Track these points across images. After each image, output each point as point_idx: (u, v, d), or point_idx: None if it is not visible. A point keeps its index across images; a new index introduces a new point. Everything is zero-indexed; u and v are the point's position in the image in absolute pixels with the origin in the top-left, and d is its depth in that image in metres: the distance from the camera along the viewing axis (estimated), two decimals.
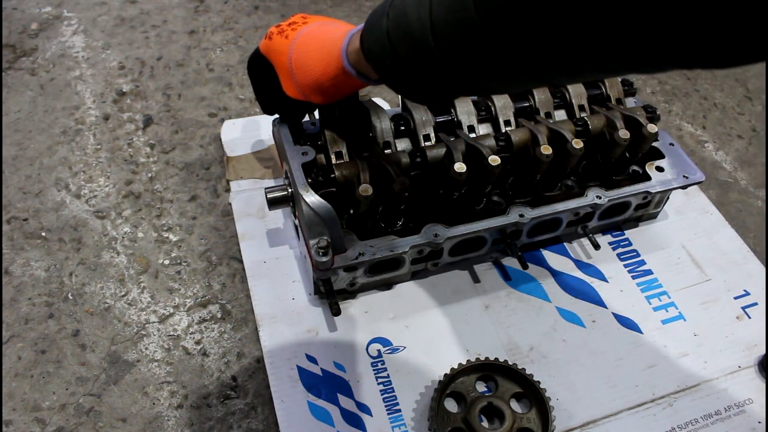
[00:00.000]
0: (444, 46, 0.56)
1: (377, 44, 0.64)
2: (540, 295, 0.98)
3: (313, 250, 0.81)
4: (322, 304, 0.94)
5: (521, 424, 0.82)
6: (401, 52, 0.61)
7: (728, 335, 0.96)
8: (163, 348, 0.92)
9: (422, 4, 0.56)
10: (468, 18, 0.50)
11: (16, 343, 0.91)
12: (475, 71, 0.56)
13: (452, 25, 0.53)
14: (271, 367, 0.87)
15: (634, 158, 1.01)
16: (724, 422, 0.86)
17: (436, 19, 0.55)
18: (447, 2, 0.53)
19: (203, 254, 1.03)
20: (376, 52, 0.65)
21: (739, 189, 1.24)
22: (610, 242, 1.07)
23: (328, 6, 1.57)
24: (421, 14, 0.56)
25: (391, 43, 0.61)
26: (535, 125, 0.93)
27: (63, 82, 1.31)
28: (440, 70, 0.59)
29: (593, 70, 0.50)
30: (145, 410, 0.86)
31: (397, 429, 0.83)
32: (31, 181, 1.12)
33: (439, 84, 0.62)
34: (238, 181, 1.11)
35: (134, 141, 1.21)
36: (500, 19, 0.48)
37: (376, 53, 0.65)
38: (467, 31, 0.52)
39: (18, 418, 0.84)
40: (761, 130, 1.38)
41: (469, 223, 0.89)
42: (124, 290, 0.98)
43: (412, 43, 0.59)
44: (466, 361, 0.86)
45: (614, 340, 0.94)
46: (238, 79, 1.35)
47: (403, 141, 0.94)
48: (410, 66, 0.61)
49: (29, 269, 1.00)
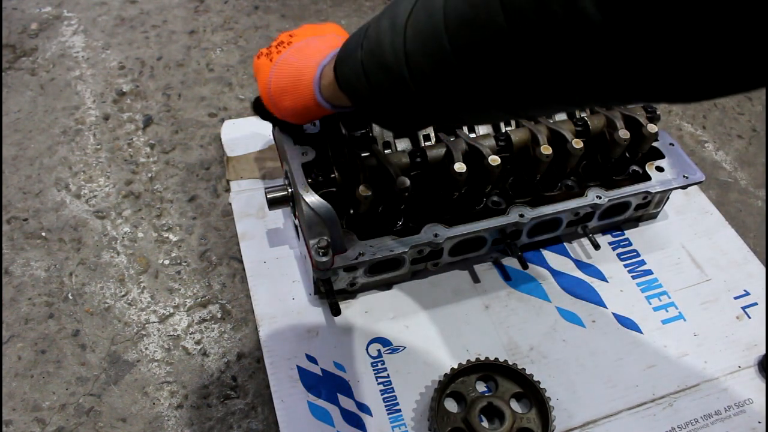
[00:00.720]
0: (418, 77, 0.56)
1: (352, 74, 0.64)
2: (540, 295, 0.98)
3: (313, 250, 0.81)
4: (322, 304, 0.94)
5: (521, 424, 0.82)
6: (376, 82, 0.61)
7: (728, 335, 0.96)
8: (163, 348, 0.92)
9: (397, 35, 0.56)
10: (442, 51, 0.51)
11: (16, 343, 0.91)
12: (449, 103, 0.57)
13: (426, 57, 0.53)
14: (271, 367, 0.87)
15: (634, 158, 1.01)
16: (724, 422, 0.86)
17: (411, 51, 0.55)
18: (422, 35, 0.53)
19: (203, 254, 1.03)
20: (351, 82, 0.65)
21: (739, 189, 1.25)
22: (610, 242, 1.07)
23: (328, 6, 1.57)
24: (396, 46, 0.56)
25: (365, 74, 0.61)
26: (535, 125, 0.93)
27: (63, 82, 1.31)
28: (415, 101, 0.59)
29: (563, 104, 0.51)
30: (145, 410, 0.86)
31: (397, 429, 0.83)
32: (31, 181, 1.12)
33: (414, 114, 0.63)
34: (238, 181, 1.11)
35: (134, 141, 1.21)
36: (473, 54, 0.49)
37: (351, 83, 0.65)
38: (441, 64, 0.52)
39: (18, 418, 0.84)
40: (761, 130, 1.38)
41: (469, 223, 0.89)
42: (124, 290, 0.98)
43: (386, 73, 0.59)
44: (466, 361, 0.86)
45: (614, 340, 0.94)
46: (238, 79, 1.35)
47: (403, 141, 0.94)
48: (385, 96, 0.61)
49: (29, 269, 1.00)
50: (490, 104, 0.54)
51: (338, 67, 0.67)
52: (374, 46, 0.59)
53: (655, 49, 0.38)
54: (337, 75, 0.68)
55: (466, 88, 0.52)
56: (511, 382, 0.86)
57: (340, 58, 0.67)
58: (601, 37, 0.39)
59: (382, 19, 0.59)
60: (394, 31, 0.56)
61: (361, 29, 0.64)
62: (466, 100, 0.55)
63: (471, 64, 0.49)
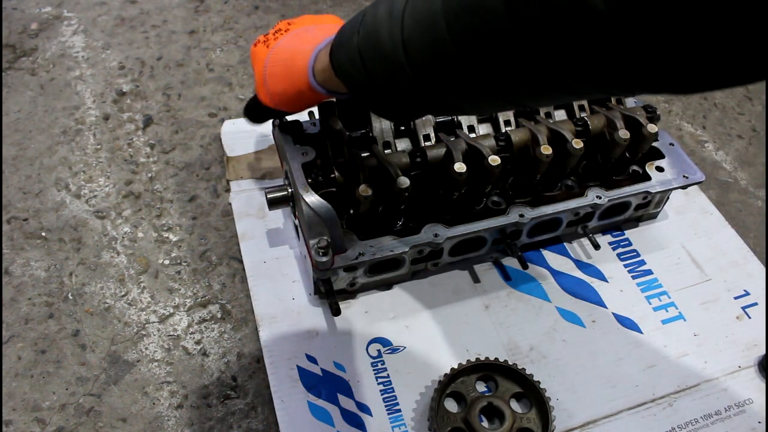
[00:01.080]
0: (416, 64, 0.55)
1: (348, 61, 0.64)
2: (540, 295, 0.98)
3: (313, 250, 0.81)
4: (322, 304, 0.94)
5: (521, 424, 0.82)
6: (373, 69, 0.60)
7: (728, 335, 0.96)
8: (163, 348, 0.92)
9: (394, 22, 0.55)
10: (440, 38, 0.50)
11: (16, 343, 0.91)
12: (446, 91, 0.56)
13: (424, 44, 0.53)
14: (271, 367, 0.87)
15: (634, 158, 1.01)
16: (724, 422, 0.86)
17: (408, 39, 0.54)
18: (420, 22, 0.53)
19: (203, 254, 1.03)
20: (347, 69, 0.65)
21: (739, 189, 1.25)
22: (610, 242, 1.07)
23: (328, 6, 1.57)
24: (394, 33, 0.56)
25: (362, 60, 0.61)
26: (535, 125, 0.93)
27: (63, 82, 1.31)
28: (412, 88, 0.58)
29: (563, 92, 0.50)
30: (145, 410, 0.86)
31: (397, 429, 0.83)
32: (31, 181, 1.12)
33: (411, 102, 0.62)
34: (238, 181, 1.11)
35: (134, 141, 1.21)
36: (471, 41, 0.48)
37: (346, 70, 0.65)
38: (439, 51, 0.52)
39: (18, 418, 0.84)
40: (761, 130, 1.38)
41: (469, 223, 0.89)
42: (124, 290, 0.98)
43: (384, 60, 0.58)
44: (466, 361, 0.86)
45: (614, 340, 0.94)
46: (238, 79, 1.35)
47: (403, 141, 0.94)
48: (382, 83, 0.61)
49: (29, 269, 1.00)
50: (488, 92, 0.53)
51: (334, 53, 0.67)
52: (371, 32, 0.59)
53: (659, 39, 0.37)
54: (333, 61, 0.67)
55: (464, 75, 0.52)
56: (511, 382, 0.86)
57: (336, 43, 0.66)
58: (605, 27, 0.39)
59: (380, 5, 0.58)
60: (392, 17, 0.56)
61: (358, 15, 0.63)
62: (464, 87, 0.54)
63: (469, 50, 0.49)
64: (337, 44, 0.66)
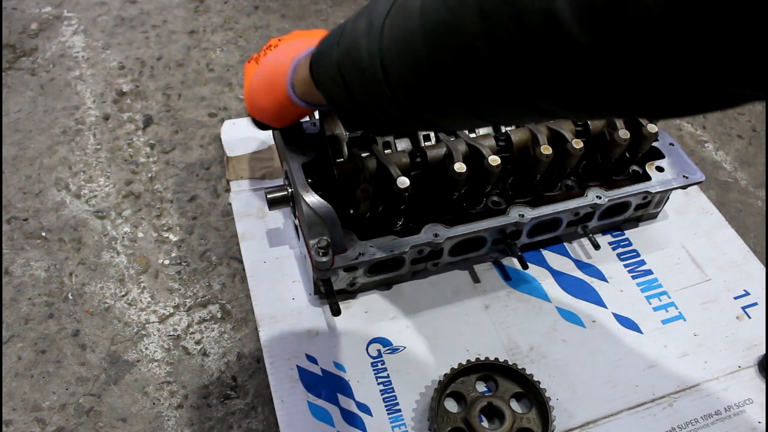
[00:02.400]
0: (394, 83, 0.55)
1: (327, 74, 0.63)
2: (540, 295, 0.98)
3: (313, 250, 0.81)
4: (322, 304, 0.94)
5: (521, 424, 0.82)
6: (351, 83, 0.60)
7: (728, 335, 0.96)
8: (163, 348, 0.92)
9: (372, 37, 0.55)
10: (417, 55, 0.50)
11: (16, 343, 0.91)
12: (425, 109, 0.56)
13: (402, 63, 0.53)
14: (271, 367, 0.87)
15: (634, 158, 1.01)
16: (724, 422, 0.86)
17: (386, 56, 0.54)
18: (397, 41, 0.53)
19: (203, 254, 1.03)
20: (326, 83, 0.64)
21: (739, 189, 1.25)
22: (610, 242, 1.07)
23: (328, 6, 1.57)
24: (372, 49, 0.55)
25: (341, 74, 0.60)
26: (535, 125, 0.93)
27: (63, 82, 1.31)
28: (390, 104, 0.58)
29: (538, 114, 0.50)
30: (145, 410, 0.86)
31: (397, 429, 0.83)
32: (31, 181, 1.12)
33: (390, 118, 0.62)
34: (238, 181, 1.11)
35: (134, 141, 1.21)
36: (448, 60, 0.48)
37: (325, 83, 0.65)
38: (417, 69, 0.52)
39: (18, 418, 0.84)
40: (761, 130, 1.38)
41: (469, 223, 0.89)
42: (124, 290, 0.98)
43: (362, 76, 0.58)
44: (466, 361, 0.86)
45: (614, 340, 0.94)
46: (238, 79, 1.35)
47: (403, 141, 0.94)
48: (361, 98, 0.61)
49: (29, 269, 1.00)
50: (465, 111, 0.54)
51: (314, 65, 0.66)
52: (350, 48, 0.58)
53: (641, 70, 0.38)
54: (313, 72, 0.67)
55: (441, 94, 0.52)
56: (511, 382, 0.86)
57: (316, 55, 0.66)
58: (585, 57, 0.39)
59: (360, 19, 0.58)
60: (370, 34, 0.55)
61: (339, 27, 0.63)
62: (441, 106, 0.54)
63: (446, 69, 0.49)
64: (317, 56, 0.66)
